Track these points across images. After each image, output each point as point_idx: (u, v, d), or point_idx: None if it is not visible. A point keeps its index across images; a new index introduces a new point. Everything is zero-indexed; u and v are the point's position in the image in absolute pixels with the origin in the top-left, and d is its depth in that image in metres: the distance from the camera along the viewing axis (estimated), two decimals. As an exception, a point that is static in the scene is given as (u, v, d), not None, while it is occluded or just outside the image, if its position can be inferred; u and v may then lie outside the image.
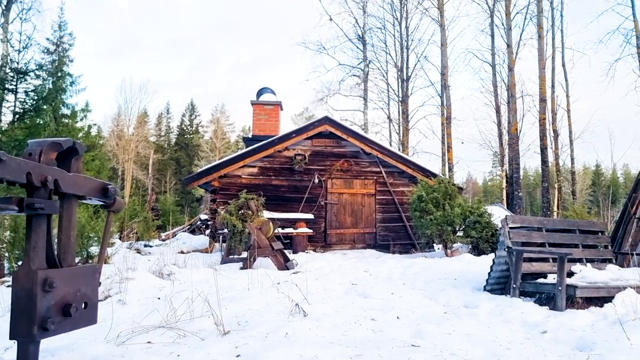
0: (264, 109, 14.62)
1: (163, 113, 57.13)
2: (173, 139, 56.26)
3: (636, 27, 23.63)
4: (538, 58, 22.42)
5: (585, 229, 6.71)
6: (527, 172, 62.00)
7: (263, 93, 15.20)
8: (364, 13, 28.17)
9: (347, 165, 13.24)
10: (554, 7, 25.29)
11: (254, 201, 9.65)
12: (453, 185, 11.55)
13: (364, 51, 27.93)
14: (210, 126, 56.68)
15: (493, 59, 26.44)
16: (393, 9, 28.43)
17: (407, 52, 28.20)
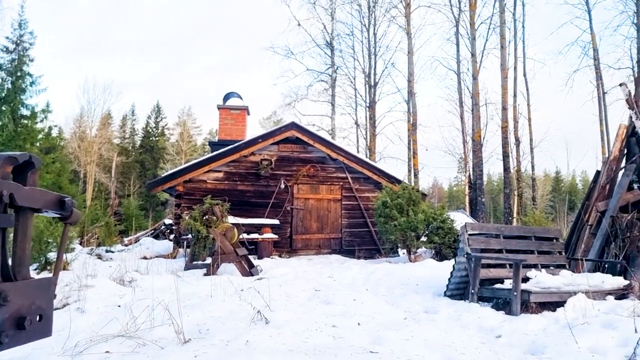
0: (231, 113, 14.56)
1: (128, 115, 56.09)
2: (138, 141, 55.26)
3: (593, 40, 24.57)
4: (500, 68, 23.04)
5: (541, 236, 6.95)
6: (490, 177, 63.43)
7: (230, 97, 15.15)
8: (332, 19, 28.41)
9: (313, 170, 13.31)
10: (516, 19, 26.06)
11: (219, 207, 9.60)
12: (417, 191, 11.76)
13: (332, 57, 28.14)
14: (176, 129, 55.95)
15: (458, 67, 27.02)
16: (361, 16, 28.76)
17: (375, 59, 28.54)
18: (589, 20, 24.50)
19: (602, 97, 24.31)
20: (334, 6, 28.41)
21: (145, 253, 12.48)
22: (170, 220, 18.30)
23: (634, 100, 7.53)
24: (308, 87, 28.14)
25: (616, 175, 7.69)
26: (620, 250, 6.86)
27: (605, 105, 24.18)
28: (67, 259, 8.74)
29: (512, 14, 25.85)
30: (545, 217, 16.96)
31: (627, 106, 7.54)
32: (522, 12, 26.19)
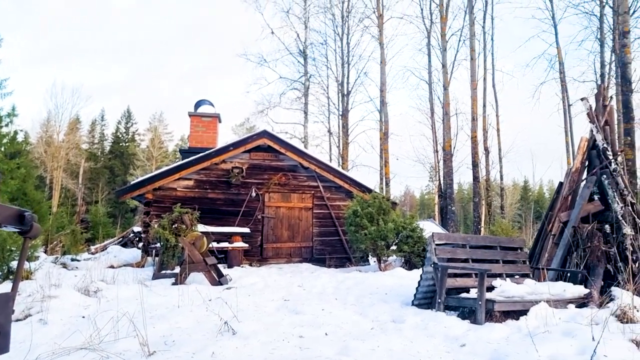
0: (202, 120, 14.47)
1: (97, 120, 55.09)
2: (107, 146, 54.31)
3: (559, 53, 25.31)
4: (470, 79, 23.50)
5: (506, 246, 7.11)
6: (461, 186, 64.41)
7: (201, 105, 15.05)
8: (306, 28, 28.55)
9: (285, 179, 13.31)
10: (485, 32, 26.64)
11: (188, 215, 9.51)
12: (387, 200, 11.87)
13: (305, 65, 28.25)
14: (147, 134, 55.18)
15: (430, 77, 27.45)
16: (335, 25, 28.99)
17: (348, 68, 28.79)
18: (555, 34, 25.24)
19: (567, 109, 25.02)
20: (308, 15, 28.59)
21: (112, 262, 12.25)
22: (139, 228, 18.00)
23: (595, 114, 7.79)
24: (281, 95, 28.20)
25: (578, 187, 7.93)
26: (581, 260, 7.06)
27: (571, 117, 24.90)
28: (31, 268, 8.52)
29: (482, 27, 26.45)
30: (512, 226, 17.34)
31: (588, 120, 7.80)
32: (492, 26, 26.83)
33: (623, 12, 16.78)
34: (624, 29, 16.59)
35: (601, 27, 23.38)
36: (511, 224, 18.04)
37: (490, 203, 24.99)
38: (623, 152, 11.52)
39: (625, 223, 7.02)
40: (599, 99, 7.97)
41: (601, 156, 7.68)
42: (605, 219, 7.35)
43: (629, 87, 16.32)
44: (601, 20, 23.41)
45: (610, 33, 22.17)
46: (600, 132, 7.70)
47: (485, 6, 26.61)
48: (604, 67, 23.40)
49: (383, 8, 26.77)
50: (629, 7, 18.63)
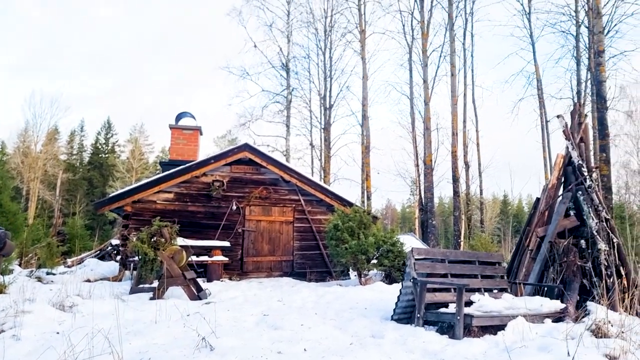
0: (183, 133, 14.40)
1: (76, 130, 54.41)
2: (86, 157, 53.61)
3: (537, 70, 25.86)
4: (450, 94, 23.85)
5: (485, 260, 7.18)
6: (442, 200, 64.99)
7: (182, 117, 14.99)
8: (289, 42, 28.69)
9: (266, 192, 13.28)
10: (465, 48, 27.12)
11: (168, 228, 9.42)
12: (368, 214, 11.92)
13: (287, 79, 28.35)
14: (127, 146, 54.62)
15: (411, 92, 27.72)
16: (317, 39, 29.20)
17: (331, 82, 28.96)
18: (533, 52, 25.80)
19: (545, 125, 25.51)
20: (291, 29, 28.76)
21: (89, 275, 12.04)
22: (117, 240, 17.74)
23: (570, 131, 7.96)
24: (263, 108, 28.21)
25: (554, 203, 8.06)
26: (557, 275, 7.16)
27: (548, 133, 25.38)
28: (5, 281, 8.34)
29: (462, 44, 26.93)
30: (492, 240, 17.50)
31: (564, 137, 7.96)
32: (472, 43, 27.33)
33: (598, 31, 17.23)
34: (599, 48, 17.02)
35: (577, 46, 23.98)
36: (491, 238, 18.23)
37: (470, 217, 25.23)
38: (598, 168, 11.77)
39: (600, 238, 7.15)
40: (575, 116, 8.15)
41: (577, 172, 7.84)
42: (581, 234, 7.48)
43: (604, 105, 16.70)
44: (577, 39, 24.02)
45: (586, 52, 22.74)
46: (576, 149, 7.87)
47: (465, 24, 27.15)
48: (580, 84, 23.95)
49: (365, 23, 27.11)
50: (604, 27, 19.16)
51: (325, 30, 28.92)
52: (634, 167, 29.91)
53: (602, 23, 17.83)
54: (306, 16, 29.04)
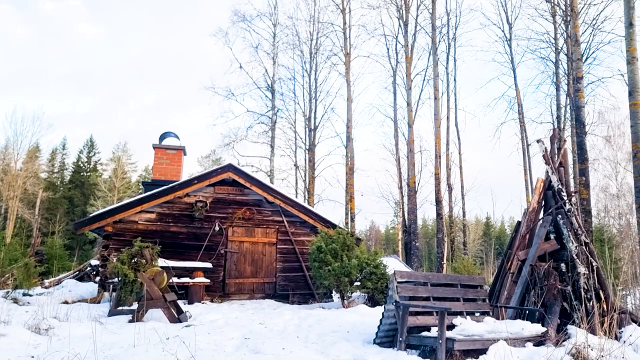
0: (166, 153, 14.32)
1: (58, 148, 53.78)
2: (68, 176, 52.87)
3: (518, 95, 26.37)
4: (434, 117, 24.18)
5: (467, 284, 7.20)
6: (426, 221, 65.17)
7: (166, 137, 14.92)
8: (274, 63, 28.92)
9: (249, 213, 13.22)
10: (448, 72, 27.61)
11: (149, 249, 9.30)
12: (351, 236, 11.91)
13: (272, 100, 28.49)
14: (110, 164, 54.04)
15: (395, 114, 28.00)
16: (303, 61, 29.47)
17: (316, 103, 29.17)
18: (514, 77, 26.35)
19: (526, 148, 25.92)
20: (276, 51, 29.01)
21: (67, 297, 11.80)
22: (96, 261, 17.43)
23: (550, 156, 8.10)
24: (248, 129, 28.26)
25: (535, 226, 8.15)
26: (538, 298, 7.21)
27: (529, 156, 25.78)
28: (-22, 303, 8.12)
29: (445, 68, 27.42)
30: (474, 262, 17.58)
31: (544, 161, 8.10)
32: (454, 67, 27.84)
33: (576, 58, 17.67)
34: (577, 75, 17.44)
35: (557, 72, 24.57)
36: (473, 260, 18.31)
37: (453, 239, 25.35)
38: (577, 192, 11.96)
39: (579, 262, 7.23)
40: (554, 141, 8.30)
41: (556, 196, 7.95)
42: (561, 258, 7.56)
43: (582, 130, 17.05)
44: (557, 66, 24.63)
45: (565, 78, 23.29)
46: (555, 174, 8.00)
47: (448, 48, 27.70)
48: (560, 109, 24.47)
49: (350, 47, 27.48)
50: (582, 55, 19.70)
51: (310, 52, 29.24)
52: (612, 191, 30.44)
53: (580, 50, 18.31)
54: (292, 38, 29.39)
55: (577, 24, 18.34)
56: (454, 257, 23.27)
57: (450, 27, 27.68)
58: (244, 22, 28.72)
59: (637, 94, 13.10)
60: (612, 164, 30.31)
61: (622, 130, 28.42)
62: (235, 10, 29.31)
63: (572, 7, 18.19)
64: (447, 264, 22.58)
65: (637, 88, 13.16)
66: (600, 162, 28.88)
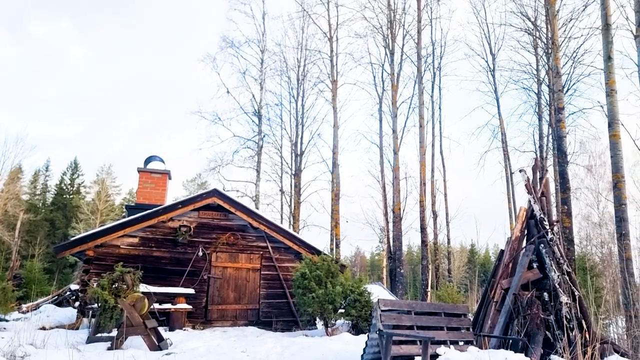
0: (151, 177, 14.24)
1: (41, 170, 53.16)
2: (50, 198, 52.16)
3: (501, 124, 26.80)
4: (419, 145, 24.43)
5: (450, 312, 7.19)
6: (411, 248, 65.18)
7: (151, 161, 14.86)
8: (262, 89, 29.11)
9: (233, 239, 13.13)
10: (434, 100, 28.02)
11: (130, 275, 9.16)
12: (336, 263, 11.87)
13: (259, 125, 28.59)
14: (93, 187, 53.47)
15: (381, 141, 28.22)
16: (290, 87, 29.72)
17: (302, 129, 29.29)
18: (497, 106, 26.83)
19: (509, 177, 26.23)
20: (264, 77, 29.25)
21: (44, 322, 11.51)
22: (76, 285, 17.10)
23: (532, 185, 8.21)
24: (234, 153, 28.24)
25: (518, 255, 8.21)
26: (522, 327, 7.21)
27: (513, 184, 26.07)
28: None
29: (431, 96, 27.84)
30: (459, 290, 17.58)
31: (526, 191, 8.20)
32: (439, 95, 28.27)
33: (558, 90, 18.09)
34: (559, 105, 17.82)
35: (539, 102, 25.05)
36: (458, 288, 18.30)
37: (438, 266, 25.37)
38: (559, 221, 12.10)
39: (562, 291, 7.27)
40: (536, 171, 8.43)
41: (539, 226, 8.04)
42: (544, 287, 7.60)
43: (564, 159, 17.35)
44: (539, 96, 25.12)
45: (547, 108, 23.75)
46: (537, 203, 8.10)
47: (434, 77, 28.16)
48: (542, 139, 24.86)
49: (337, 74, 27.81)
50: (563, 86, 20.15)
51: (298, 78, 29.52)
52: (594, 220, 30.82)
53: (561, 82, 18.74)
54: (280, 65, 29.68)
55: (558, 56, 18.82)
56: (439, 285, 23.25)
57: (436, 56, 28.23)
58: (232, 48, 28.99)
59: (616, 126, 13.42)
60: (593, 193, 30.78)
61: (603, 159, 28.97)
62: (224, 37, 29.64)
63: (553, 40, 18.70)
64: (431, 291, 22.53)
65: (616, 120, 13.48)
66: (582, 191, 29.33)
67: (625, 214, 12.86)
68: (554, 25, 18.90)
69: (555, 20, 19.21)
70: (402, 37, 27.04)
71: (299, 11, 29.79)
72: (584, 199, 30.17)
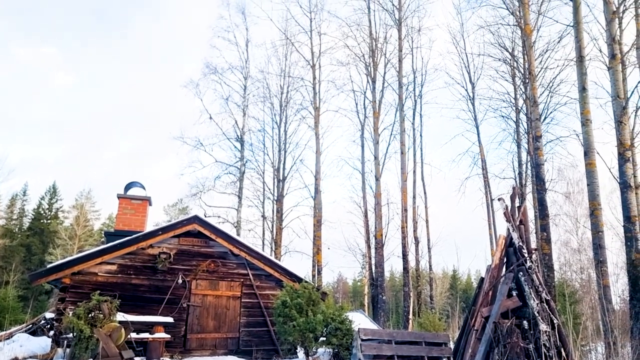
0: (131, 203, 14.08)
1: (19, 194, 52.22)
2: (27, 223, 51.13)
3: (481, 151, 27.23)
4: (400, 171, 24.67)
5: (431, 341, 7.19)
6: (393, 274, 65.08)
7: (132, 187, 14.71)
8: (244, 115, 29.24)
9: (214, 266, 12.99)
10: (415, 128, 28.39)
11: (107, 303, 8.99)
12: (317, 290, 11.79)
13: (241, 151, 28.61)
14: (72, 212, 52.55)
15: (363, 167, 28.41)
16: (273, 113, 29.89)
17: (285, 154, 29.38)
18: (477, 134, 27.30)
19: (490, 203, 26.52)
20: (247, 103, 29.42)
21: (17, 352, 11.19)
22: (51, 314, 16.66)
23: (510, 214, 8.33)
24: (216, 179, 28.14)
25: (498, 282, 8.27)
26: (502, 356, 7.23)
27: (493, 211, 26.35)
28: None
29: (412, 123, 28.21)
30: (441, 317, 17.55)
31: (505, 219, 8.32)
32: (420, 123, 28.66)
33: (535, 118, 18.52)
34: (536, 134, 18.23)
35: (517, 130, 25.55)
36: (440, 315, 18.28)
37: (420, 292, 25.35)
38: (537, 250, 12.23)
39: (541, 320, 7.33)
40: (514, 199, 8.57)
41: (517, 254, 8.14)
42: (524, 315, 7.66)
43: (543, 187, 17.66)
44: (517, 124, 25.64)
45: (526, 136, 24.23)
46: (516, 231, 8.21)
47: (415, 105, 28.60)
48: (521, 166, 25.28)
49: (319, 101, 28.12)
50: (540, 115, 20.62)
51: (281, 105, 29.74)
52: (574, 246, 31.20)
53: (538, 111, 19.21)
54: (263, 91, 29.92)
55: (535, 86, 19.32)
56: (421, 312, 23.20)
57: (417, 84, 28.73)
58: (215, 75, 29.17)
59: (592, 155, 13.75)
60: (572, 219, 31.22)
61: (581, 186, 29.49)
62: (207, 63, 29.80)
63: (530, 71, 19.22)
64: (413, 318, 22.46)
65: (591, 149, 13.82)
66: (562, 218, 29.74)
67: (602, 241, 13.10)
68: (531, 56, 19.46)
69: (532, 51, 19.79)
70: (383, 66, 27.58)
71: (282, 39, 30.21)
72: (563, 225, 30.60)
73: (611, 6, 13.69)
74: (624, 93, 13.62)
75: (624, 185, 12.57)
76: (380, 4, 27.71)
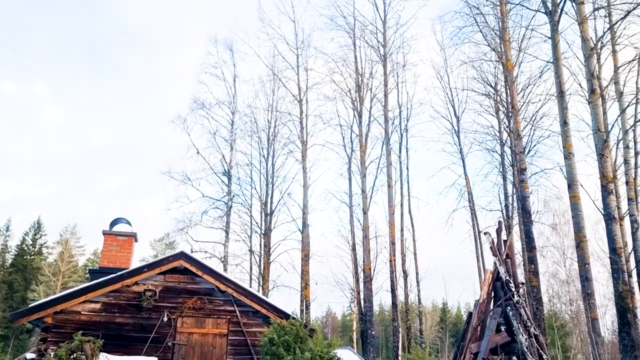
0: (117, 239, 13.89)
1: (1, 230, 51.43)
2: (9, 259, 50.19)
3: (467, 184, 27.45)
4: (388, 204, 24.76)
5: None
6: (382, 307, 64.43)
7: (117, 223, 14.56)
8: (232, 149, 29.29)
9: (200, 303, 12.78)
10: (401, 161, 28.64)
11: (90, 344, 8.79)
12: (305, 327, 11.62)
13: (229, 185, 28.56)
14: (56, 247, 51.79)
15: (350, 201, 28.43)
16: (261, 147, 29.98)
17: (272, 188, 29.33)
18: (463, 167, 27.57)
19: (477, 235, 26.56)
20: (234, 137, 29.52)
21: (-6, 397, 10.81)
22: (32, 354, 16.18)
23: (497, 248, 8.37)
24: (203, 214, 27.95)
25: (486, 318, 8.24)
26: (492, 394, 7.14)
27: (481, 243, 26.34)
28: None
29: (398, 157, 28.47)
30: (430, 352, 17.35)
31: (491, 253, 8.35)
32: (407, 156, 28.95)
33: (519, 151, 18.80)
34: (521, 167, 18.49)
35: (503, 163, 25.86)
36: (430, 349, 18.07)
37: (409, 327, 25.11)
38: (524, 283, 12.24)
39: (530, 355, 7.29)
40: (500, 233, 8.62)
41: (505, 288, 8.14)
42: (513, 351, 7.61)
43: (529, 219, 17.79)
44: (502, 157, 25.96)
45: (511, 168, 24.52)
46: (503, 265, 8.24)
47: (401, 138, 28.92)
48: (507, 198, 25.48)
49: (307, 135, 28.32)
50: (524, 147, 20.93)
51: (268, 139, 29.88)
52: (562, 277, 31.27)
53: (522, 144, 19.53)
54: (250, 125, 30.06)
55: (518, 120, 19.71)
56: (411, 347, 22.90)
57: (402, 118, 29.11)
58: (202, 110, 29.34)
59: (575, 187, 13.93)
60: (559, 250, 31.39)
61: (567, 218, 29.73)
62: (195, 98, 29.98)
63: (513, 105, 19.63)
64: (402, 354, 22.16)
65: (575, 181, 14.02)
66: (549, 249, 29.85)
67: (589, 273, 13.14)
68: (513, 90, 19.90)
69: (514, 86, 20.25)
70: (369, 100, 27.97)
71: (269, 75, 30.56)
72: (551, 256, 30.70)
73: (589, 43, 14.11)
74: (604, 126, 13.92)
75: (608, 217, 12.71)
76: (366, 41, 28.34)
